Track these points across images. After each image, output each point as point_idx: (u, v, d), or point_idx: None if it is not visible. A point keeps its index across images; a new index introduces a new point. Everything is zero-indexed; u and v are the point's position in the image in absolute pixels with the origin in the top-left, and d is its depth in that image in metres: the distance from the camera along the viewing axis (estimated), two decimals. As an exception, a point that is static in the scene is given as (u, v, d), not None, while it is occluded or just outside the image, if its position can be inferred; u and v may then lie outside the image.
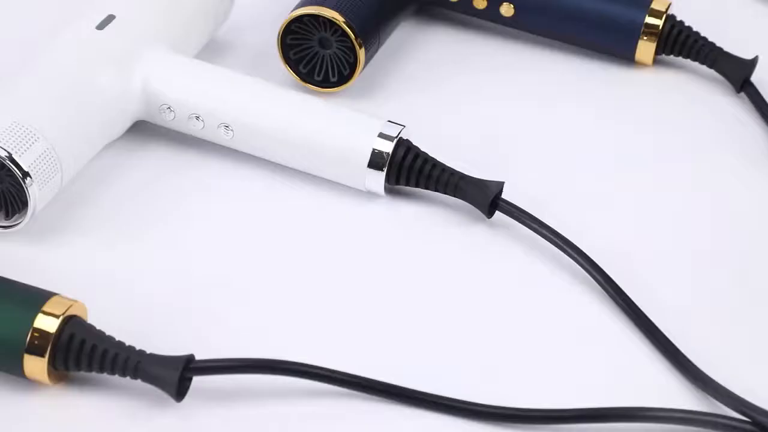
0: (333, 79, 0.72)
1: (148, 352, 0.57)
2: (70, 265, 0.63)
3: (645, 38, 0.74)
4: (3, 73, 0.69)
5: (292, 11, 0.71)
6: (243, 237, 0.66)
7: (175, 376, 0.57)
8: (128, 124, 0.69)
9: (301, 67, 0.72)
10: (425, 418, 0.58)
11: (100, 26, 0.68)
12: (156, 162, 0.69)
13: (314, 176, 0.68)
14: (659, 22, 0.73)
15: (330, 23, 0.71)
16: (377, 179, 0.66)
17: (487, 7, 0.75)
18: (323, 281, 0.64)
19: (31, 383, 0.58)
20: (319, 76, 0.72)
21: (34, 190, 0.62)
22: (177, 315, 0.62)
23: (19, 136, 0.62)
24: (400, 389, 0.58)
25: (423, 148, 0.67)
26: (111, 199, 0.67)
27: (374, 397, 0.58)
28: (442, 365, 0.60)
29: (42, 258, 0.63)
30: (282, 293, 0.63)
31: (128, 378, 0.57)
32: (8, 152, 0.62)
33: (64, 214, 0.66)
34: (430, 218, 0.67)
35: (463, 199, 0.66)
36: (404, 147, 0.67)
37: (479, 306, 0.63)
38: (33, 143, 0.62)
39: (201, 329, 0.61)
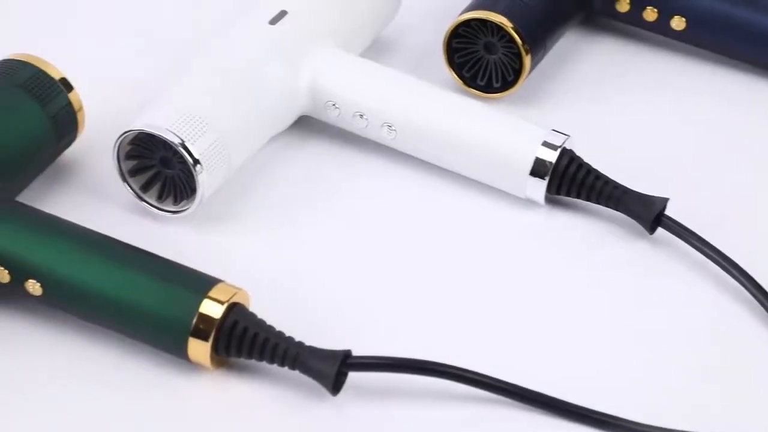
0: (496, 85, 0.72)
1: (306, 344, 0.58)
2: (230, 252, 0.64)
3: (823, 59, 0.72)
4: (175, 66, 0.71)
5: (460, 14, 0.71)
6: (399, 236, 0.66)
7: (332, 370, 0.57)
8: (293, 118, 0.70)
9: (464, 71, 0.72)
10: (575, 431, 0.58)
11: (273, 21, 0.69)
12: (317, 157, 0.69)
13: (473, 181, 0.68)
14: (838, 43, 0.72)
15: (498, 28, 0.71)
16: (538, 188, 0.66)
17: (657, 19, 0.74)
18: (477, 286, 0.64)
19: (193, 367, 0.59)
20: (482, 80, 0.72)
21: (203, 178, 0.63)
22: (327, 309, 0.62)
23: (191, 126, 0.63)
24: (552, 399, 0.58)
25: (584, 159, 0.67)
26: (271, 191, 0.67)
27: (525, 405, 0.58)
28: (595, 379, 0.60)
29: (204, 243, 0.64)
30: (434, 295, 0.63)
31: (286, 368, 0.58)
32: (181, 139, 0.63)
33: (226, 203, 0.66)
34: (589, 230, 0.66)
35: (624, 213, 0.66)
36: (567, 157, 0.66)
37: (637, 322, 0.62)
38: (204, 133, 0.64)
39: (349, 326, 0.61)
